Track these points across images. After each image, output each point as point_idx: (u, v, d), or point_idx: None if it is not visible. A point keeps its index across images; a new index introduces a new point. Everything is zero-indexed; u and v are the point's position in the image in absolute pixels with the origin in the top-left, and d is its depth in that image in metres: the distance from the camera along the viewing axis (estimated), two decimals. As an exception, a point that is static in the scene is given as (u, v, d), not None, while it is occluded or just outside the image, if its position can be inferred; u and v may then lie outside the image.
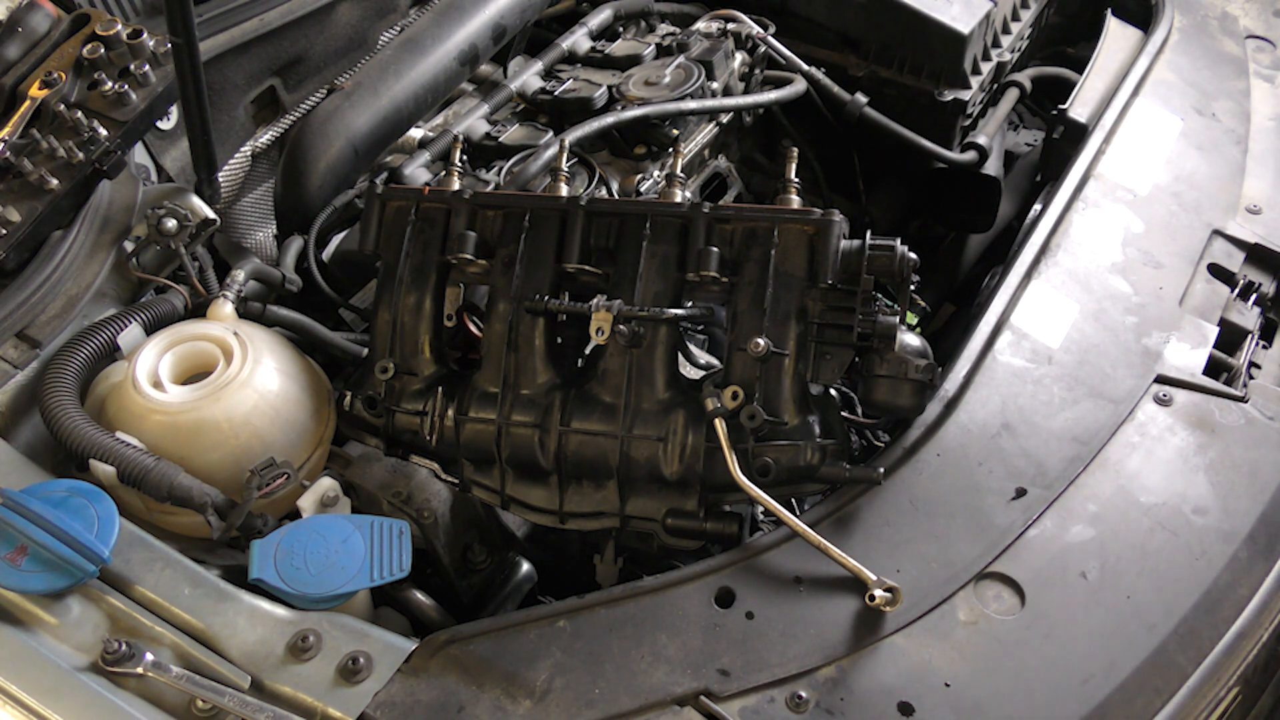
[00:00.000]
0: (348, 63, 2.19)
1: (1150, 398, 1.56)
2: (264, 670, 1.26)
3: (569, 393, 1.47)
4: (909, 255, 1.43)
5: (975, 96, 2.21)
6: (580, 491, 1.48)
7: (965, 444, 1.50)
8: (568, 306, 1.46)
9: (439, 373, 1.55)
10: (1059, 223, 1.81)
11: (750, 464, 1.40)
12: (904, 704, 1.25)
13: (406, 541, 1.37)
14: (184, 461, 1.42)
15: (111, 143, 1.65)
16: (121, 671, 1.23)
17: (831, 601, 1.34)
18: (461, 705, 1.26)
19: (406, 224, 1.56)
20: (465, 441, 1.49)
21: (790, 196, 1.49)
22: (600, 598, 1.36)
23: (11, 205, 1.59)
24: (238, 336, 1.53)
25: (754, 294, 1.43)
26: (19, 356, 1.54)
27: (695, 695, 1.26)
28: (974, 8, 2.17)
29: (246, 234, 2.17)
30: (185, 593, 1.32)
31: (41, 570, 1.26)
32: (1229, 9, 2.35)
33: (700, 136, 2.00)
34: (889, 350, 1.45)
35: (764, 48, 2.17)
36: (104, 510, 1.31)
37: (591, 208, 1.50)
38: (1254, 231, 1.83)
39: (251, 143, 2.09)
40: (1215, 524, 1.42)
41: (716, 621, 1.33)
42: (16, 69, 1.73)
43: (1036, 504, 1.43)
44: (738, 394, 1.40)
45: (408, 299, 1.54)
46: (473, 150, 2.00)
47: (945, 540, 1.40)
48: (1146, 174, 1.93)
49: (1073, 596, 1.35)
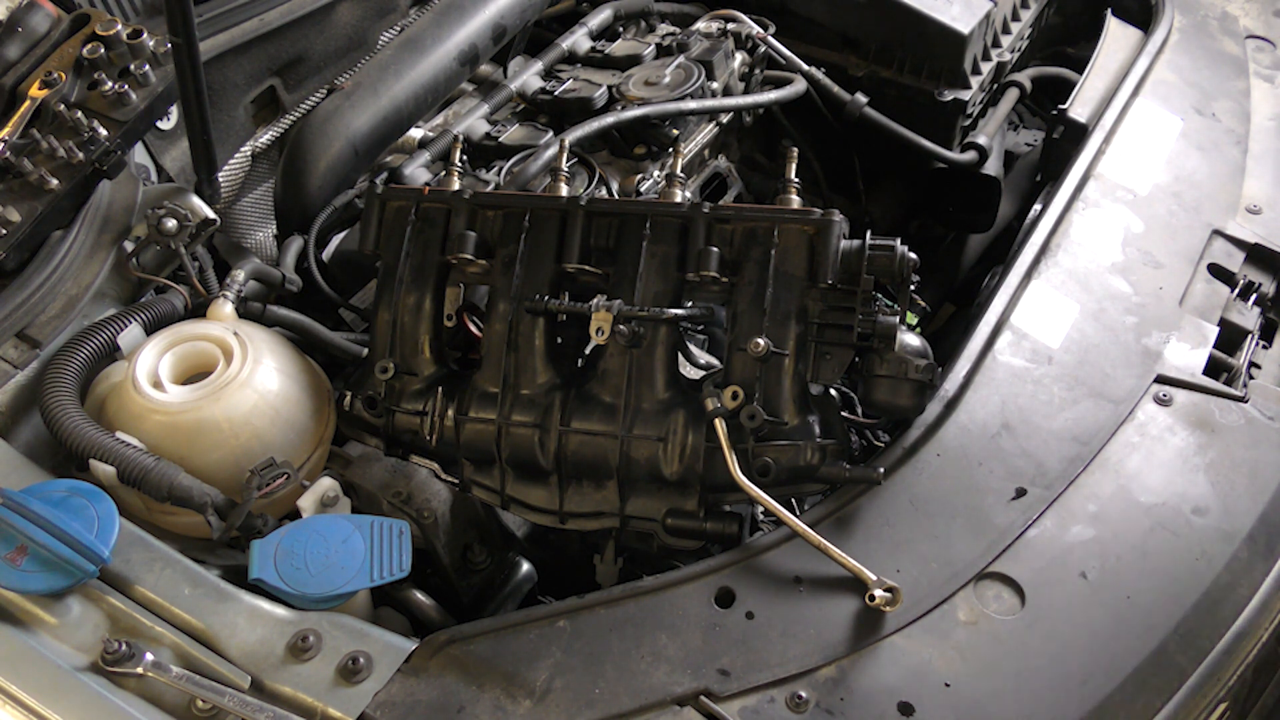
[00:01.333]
0: (348, 63, 2.19)
1: (1150, 398, 1.56)
2: (264, 670, 1.26)
3: (569, 393, 1.47)
4: (909, 255, 1.43)
5: (975, 96, 2.21)
6: (580, 491, 1.48)
7: (965, 444, 1.50)
8: (568, 306, 1.46)
9: (439, 373, 1.55)
10: (1059, 223, 1.81)
11: (750, 464, 1.40)
12: (904, 704, 1.25)
13: (406, 541, 1.37)
14: (184, 461, 1.42)
15: (111, 143, 1.65)
16: (121, 671, 1.23)
17: (831, 601, 1.34)
18: (461, 705, 1.26)
19: (406, 224, 1.56)
20: (465, 441, 1.49)
21: (790, 196, 1.49)
22: (600, 598, 1.36)
23: (11, 205, 1.59)
24: (238, 336, 1.53)
25: (754, 294, 1.43)
26: (19, 356, 1.54)
27: (695, 695, 1.26)
28: (974, 8, 2.17)
29: (246, 234, 2.17)
30: (185, 593, 1.32)
31: (41, 570, 1.26)
32: (1229, 9, 2.35)
33: (700, 136, 2.00)
34: (889, 350, 1.45)
35: (764, 48, 2.17)
36: (104, 510, 1.31)
37: (591, 208, 1.50)
38: (1254, 231, 1.83)
39: (251, 143, 2.09)
40: (1215, 524, 1.42)
41: (716, 621, 1.33)
42: (16, 69, 1.73)
43: (1036, 504, 1.43)
44: (738, 394, 1.40)
45: (408, 299, 1.54)
46: (473, 150, 2.00)
47: (945, 540, 1.40)
48: (1146, 174, 1.93)
49: (1073, 596, 1.35)
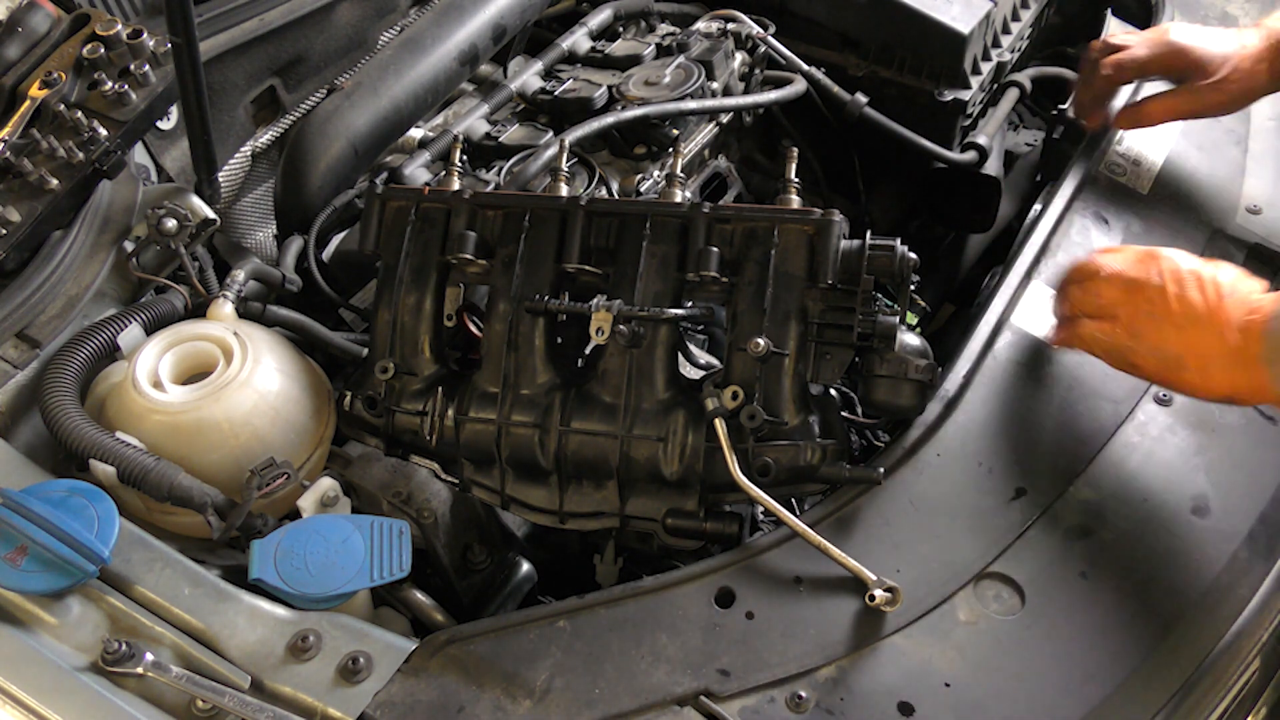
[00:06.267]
0: (348, 63, 2.18)
1: (1150, 397, 1.56)
2: (264, 670, 1.26)
3: (569, 393, 1.47)
4: (909, 255, 1.43)
5: (975, 96, 2.20)
6: (580, 491, 1.48)
7: (965, 444, 1.50)
8: (568, 306, 1.46)
9: (439, 373, 1.55)
10: (1059, 223, 1.81)
11: (750, 464, 1.40)
12: (904, 704, 1.25)
13: (406, 541, 1.37)
14: (184, 461, 1.42)
15: (111, 143, 1.65)
16: (121, 671, 1.23)
17: (831, 601, 1.34)
18: (461, 705, 1.26)
19: (406, 224, 1.56)
20: (465, 441, 1.49)
21: (790, 196, 1.49)
22: (600, 598, 1.36)
23: (11, 205, 1.59)
24: (238, 336, 1.53)
25: (754, 294, 1.43)
26: (19, 356, 1.54)
27: (695, 695, 1.26)
28: (974, 8, 2.17)
29: (246, 234, 2.17)
30: (185, 593, 1.32)
31: (41, 570, 1.26)
32: (1229, 9, 2.35)
33: (700, 136, 2.00)
34: (889, 350, 1.44)
35: (764, 48, 2.17)
36: (104, 510, 1.31)
37: (591, 208, 1.50)
38: (1254, 232, 1.84)
39: (251, 143, 2.09)
40: (1215, 524, 1.42)
41: (716, 621, 1.33)
42: (16, 69, 1.72)
43: (1036, 504, 1.43)
44: (738, 394, 1.40)
45: (408, 299, 1.54)
46: (473, 150, 2.00)
47: (945, 540, 1.40)
48: (1146, 174, 1.93)
49: (1073, 596, 1.35)
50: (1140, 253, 1.42)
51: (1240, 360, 1.28)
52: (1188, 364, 1.33)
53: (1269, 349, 1.25)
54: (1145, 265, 1.38)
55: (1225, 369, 1.30)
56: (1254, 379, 1.28)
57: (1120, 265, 1.42)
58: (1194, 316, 1.31)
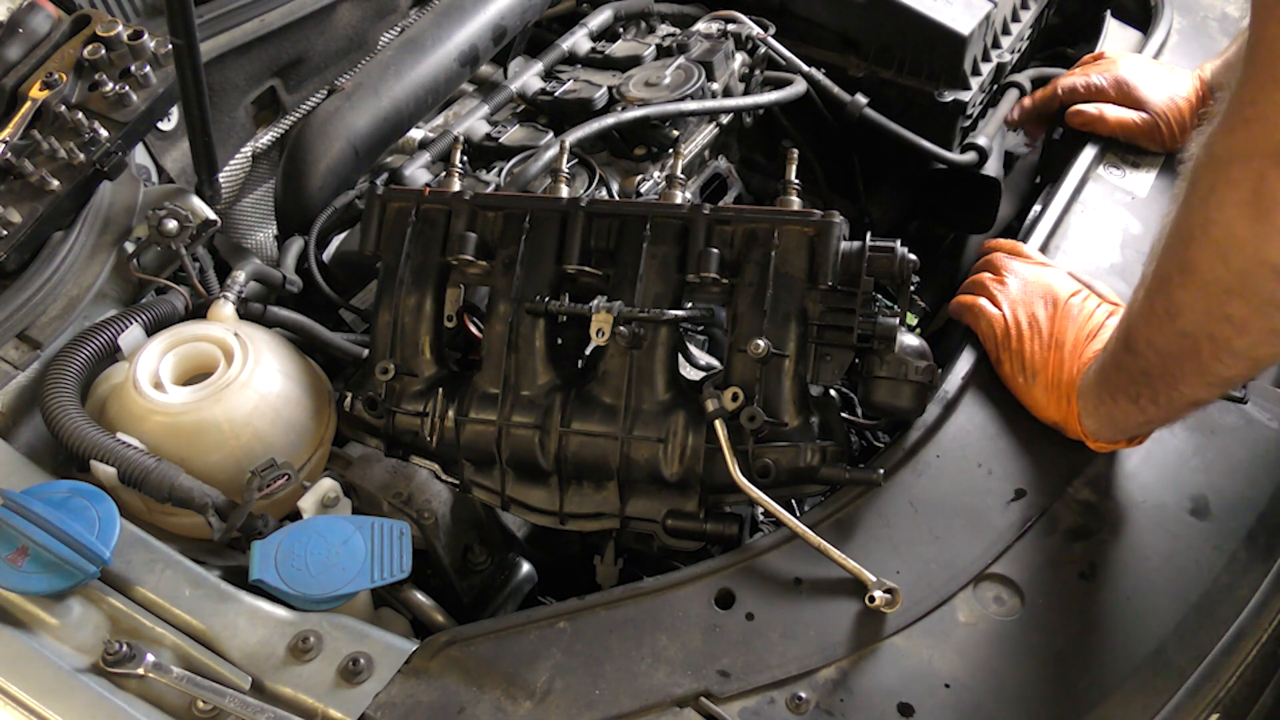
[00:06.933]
0: (348, 63, 2.19)
1: (1150, 398, 1.56)
2: (265, 671, 1.27)
3: (569, 394, 1.47)
4: (909, 256, 1.43)
5: (975, 97, 2.21)
6: (580, 492, 1.48)
7: (965, 445, 1.51)
8: (568, 308, 1.46)
9: (439, 374, 1.55)
10: (1058, 223, 1.82)
11: (750, 465, 1.40)
12: (904, 705, 1.25)
13: (407, 542, 1.37)
14: (185, 462, 1.43)
15: (112, 144, 1.65)
16: (122, 672, 1.23)
17: (831, 603, 1.34)
18: (462, 706, 1.26)
19: (407, 225, 1.56)
20: (465, 442, 1.49)
21: (790, 198, 1.50)
22: (600, 599, 1.37)
23: (12, 206, 1.59)
24: (238, 337, 1.53)
25: (754, 295, 1.43)
26: (20, 358, 1.54)
27: (695, 696, 1.26)
28: (974, 8, 2.17)
29: (247, 235, 2.17)
30: (186, 594, 1.32)
31: (42, 571, 1.26)
32: (1228, 10, 2.36)
33: (700, 137, 2.00)
34: (889, 351, 1.45)
35: (764, 48, 2.17)
36: (105, 511, 1.31)
37: (592, 209, 1.50)
38: (1253, 232, 1.83)
39: (252, 143, 2.09)
40: (1215, 524, 1.42)
41: (716, 623, 1.33)
42: (17, 70, 1.73)
43: (1036, 504, 1.44)
44: (738, 395, 1.40)
45: (408, 300, 1.54)
46: (473, 151, 2.00)
47: (945, 541, 1.40)
48: (1145, 176, 1.93)
49: (1073, 597, 1.35)
50: (1026, 283, 1.60)
51: (1062, 400, 1.48)
52: (1024, 397, 1.55)
53: (1080, 399, 1.45)
54: (1014, 306, 1.58)
55: (1054, 406, 1.50)
56: (1069, 417, 1.47)
57: (1012, 291, 1.60)
58: (1033, 369, 1.52)
